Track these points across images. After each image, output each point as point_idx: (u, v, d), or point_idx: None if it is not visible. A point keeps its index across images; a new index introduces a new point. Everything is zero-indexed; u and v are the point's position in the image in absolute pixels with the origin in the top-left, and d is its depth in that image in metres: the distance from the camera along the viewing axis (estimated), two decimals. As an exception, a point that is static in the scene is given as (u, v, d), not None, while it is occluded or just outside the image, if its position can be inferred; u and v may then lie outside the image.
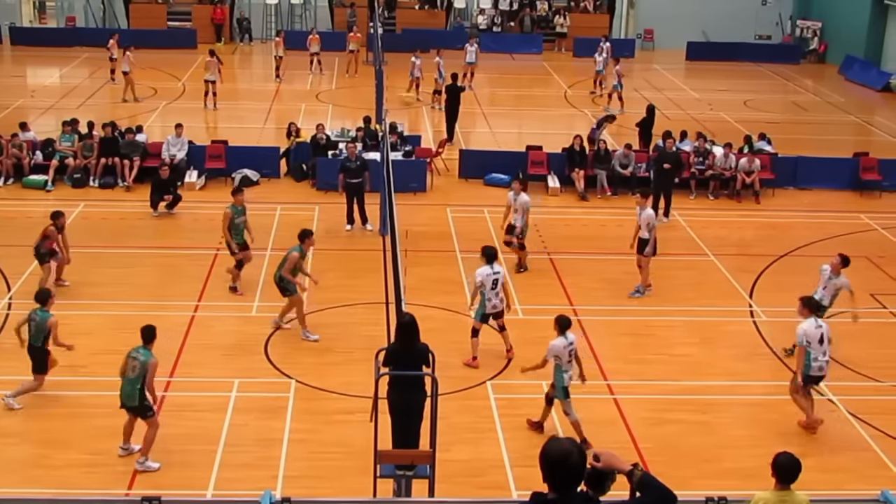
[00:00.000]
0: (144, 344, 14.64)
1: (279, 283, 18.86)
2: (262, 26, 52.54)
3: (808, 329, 15.81)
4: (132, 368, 14.49)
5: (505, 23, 52.85)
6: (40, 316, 16.19)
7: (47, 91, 39.12)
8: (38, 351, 16.22)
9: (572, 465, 6.14)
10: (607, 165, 28.24)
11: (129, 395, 14.55)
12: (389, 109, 29.24)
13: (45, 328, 16.11)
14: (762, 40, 53.27)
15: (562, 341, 15.55)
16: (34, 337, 16.19)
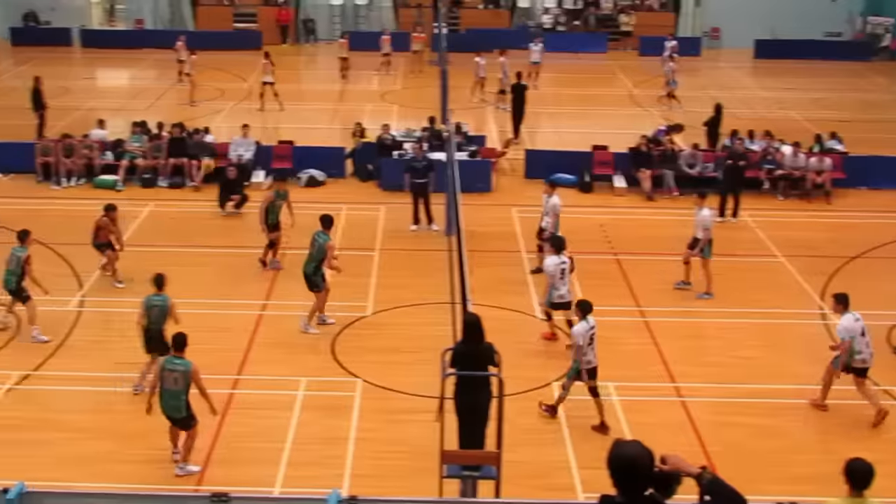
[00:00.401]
0: (176, 352, 14.34)
1: (311, 277, 18.98)
2: (327, 27, 52.76)
3: (848, 324, 16.00)
4: (173, 381, 14.17)
5: (569, 22, 52.66)
6: (162, 300, 16.48)
7: (117, 92, 39.60)
8: (161, 335, 16.49)
9: (640, 468, 6.10)
10: (674, 165, 28.05)
11: (176, 408, 14.31)
12: (454, 109, 29.24)
13: (167, 311, 16.47)
14: (832, 37, 52.55)
15: (584, 325, 15.89)
16: (156, 321, 16.48)
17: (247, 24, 51.43)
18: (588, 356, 15.84)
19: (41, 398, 16.69)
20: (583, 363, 15.85)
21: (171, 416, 14.40)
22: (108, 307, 20.06)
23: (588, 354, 15.83)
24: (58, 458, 14.74)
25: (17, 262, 18.71)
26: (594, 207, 26.74)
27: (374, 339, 18.93)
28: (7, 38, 49.98)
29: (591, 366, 16.01)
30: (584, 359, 15.82)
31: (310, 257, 18.99)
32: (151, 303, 16.53)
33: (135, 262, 21.98)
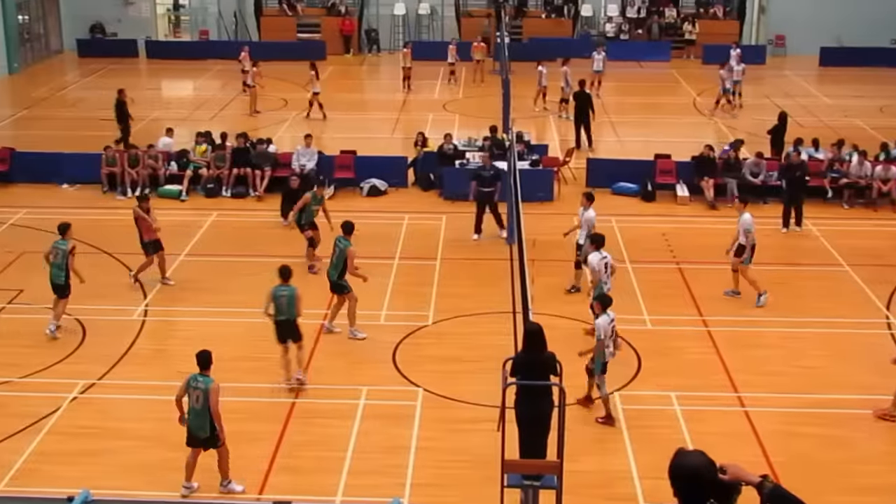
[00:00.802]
0: (202, 370, 14.10)
1: (337, 282, 19.16)
2: (389, 37, 53.00)
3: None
4: (195, 399, 13.94)
5: (632, 30, 52.47)
6: (288, 290, 16.91)
7: (181, 103, 40.03)
8: (293, 324, 17.03)
9: (702, 479, 6.06)
10: (737, 174, 27.83)
11: (200, 427, 14.03)
12: (516, 118, 29.24)
13: (294, 300, 16.89)
14: (899, 45, 51.93)
15: (605, 319, 16.10)
16: (287, 311, 16.92)
17: (310, 34, 51.77)
18: (611, 348, 16.20)
19: (105, 407, 16.91)
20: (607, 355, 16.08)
21: (195, 435, 14.15)
22: (173, 316, 20.26)
23: (611, 347, 16.20)
24: (122, 466, 14.90)
25: (63, 255, 19.07)
26: (656, 216, 26.62)
27: (435, 348, 18.96)
28: (74, 49, 50.73)
29: (612, 358, 16.41)
30: (606, 351, 16.08)
31: (332, 264, 19.24)
32: (279, 293, 16.92)
33: (198, 272, 22.24)
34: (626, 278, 22.16)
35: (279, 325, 17.05)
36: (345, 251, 18.90)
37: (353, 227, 19.53)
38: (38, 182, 28.48)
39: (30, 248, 23.49)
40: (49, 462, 15.10)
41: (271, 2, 52.82)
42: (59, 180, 28.55)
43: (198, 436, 14.10)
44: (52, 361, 18.07)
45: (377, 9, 53.26)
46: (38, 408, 16.48)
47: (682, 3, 53.69)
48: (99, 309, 19.83)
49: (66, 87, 43.65)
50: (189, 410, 14.11)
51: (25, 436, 15.70)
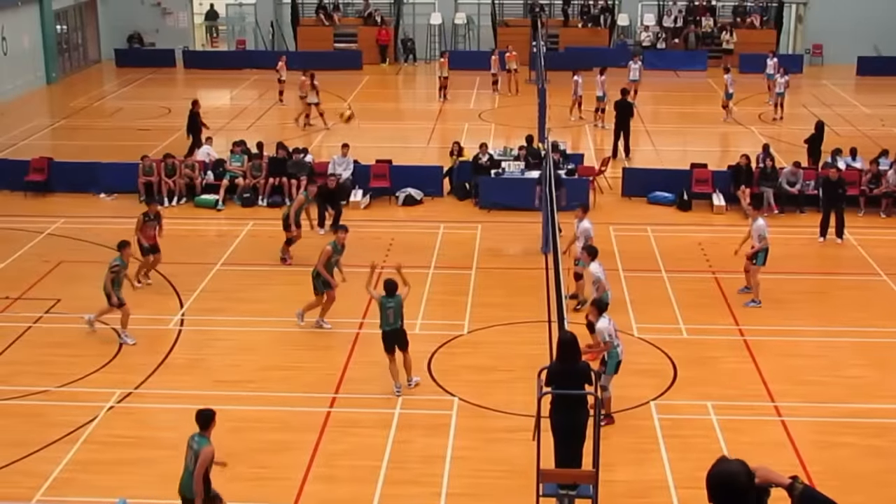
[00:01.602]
0: (201, 431, 12.90)
1: (315, 279, 19.76)
2: (426, 47, 53.11)
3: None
4: (190, 458, 12.77)
5: (669, 40, 52.33)
6: (395, 301, 17.09)
7: (218, 112, 40.19)
8: (402, 332, 17.29)
9: (738, 486, 6.02)
10: (774, 183, 27.68)
11: (188, 487, 12.74)
12: (552, 128, 29.22)
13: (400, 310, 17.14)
14: (937, 54, 51.56)
15: (605, 321, 16.16)
16: (394, 322, 17.13)
17: (347, 44, 51.97)
18: (621, 346, 16.28)
19: (142, 416, 16.99)
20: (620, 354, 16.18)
21: (183, 493, 12.88)
22: (209, 325, 20.35)
23: (621, 345, 16.30)
24: (159, 475, 14.93)
25: (108, 269, 19.22)
26: (693, 226, 26.51)
27: (470, 357, 18.95)
28: (112, 59, 51.13)
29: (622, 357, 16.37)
30: (619, 349, 16.18)
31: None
32: (386, 305, 17.03)
33: (234, 281, 22.34)
34: (661, 287, 22.11)
35: (387, 335, 17.18)
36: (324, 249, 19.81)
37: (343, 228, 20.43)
38: (76, 192, 28.71)
39: (67, 257, 23.70)
40: (86, 471, 15.18)
41: (308, 11, 53.04)
42: (97, 190, 28.76)
43: (184, 495, 12.87)
44: (89, 371, 18.17)
45: (413, 18, 53.38)
46: (75, 417, 16.57)
47: (719, 13, 53.51)
48: (135, 318, 19.94)
49: (103, 97, 43.99)
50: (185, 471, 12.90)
51: (62, 445, 15.78)
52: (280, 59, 42.04)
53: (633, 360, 18.21)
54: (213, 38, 56.84)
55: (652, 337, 19.48)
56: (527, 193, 26.41)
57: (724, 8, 53.67)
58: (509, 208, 26.96)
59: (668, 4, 53.20)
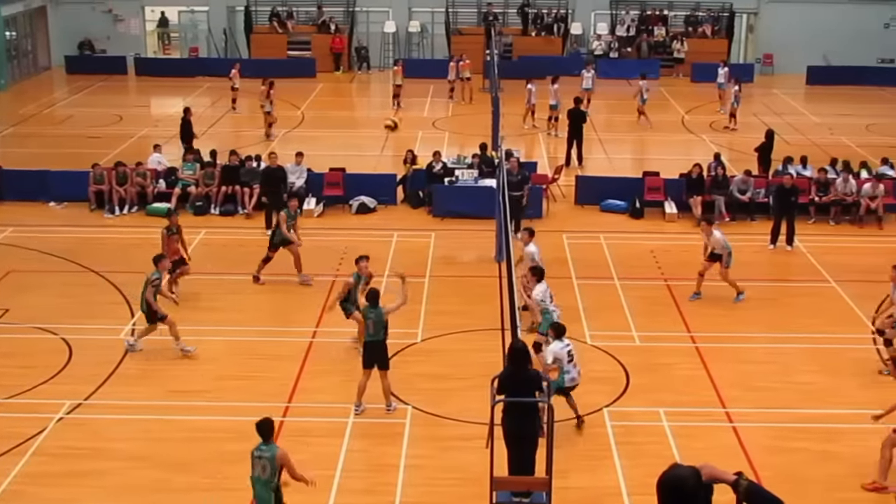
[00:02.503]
0: (265, 440, 12.92)
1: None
2: (380, 55, 53.09)
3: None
4: (262, 469, 12.84)
5: (622, 49, 52.63)
6: (376, 313, 16.76)
7: (170, 120, 39.95)
8: (382, 346, 16.92)
9: (687, 491, 6.05)
10: (725, 191, 27.90)
11: (264, 499, 12.92)
12: (506, 136, 29.30)
13: (382, 323, 16.78)
14: (885, 64, 52.19)
15: (558, 345, 16.13)
16: (374, 334, 16.82)
17: (301, 51, 51.86)
18: (571, 373, 16.14)
19: (94, 427, 16.79)
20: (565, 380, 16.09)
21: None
22: (161, 335, 20.17)
23: (571, 372, 16.14)
24: (111, 487, 14.84)
25: (146, 284, 19.00)
26: (645, 233, 26.67)
27: (424, 365, 18.95)
28: (63, 66, 50.72)
29: (575, 383, 16.28)
30: (567, 376, 16.08)
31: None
32: (367, 316, 16.83)
33: (187, 290, 22.18)
34: (614, 295, 22.22)
35: (366, 347, 16.96)
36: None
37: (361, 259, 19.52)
38: (26, 200, 28.37)
39: (16, 267, 23.49)
40: (35, 484, 15.01)
41: (262, 19, 52.88)
42: (47, 198, 28.48)
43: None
44: (38, 382, 17.97)
45: (367, 26, 53.37)
46: (23, 429, 16.37)
47: (672, 22, 53.89)
48: (85, 328, 19.78)
49: (54, 104, 43.64)
50: (253, 480, 12.99)
51: (10, 457, 15.58)
52: (234, 66, 41.90)
53: (587, 368, 18.25)
54: (165, 46, 56.54)
55: (605, 344, 19.57)
56: (481, 201, 26.49)
57: (677, 17, 54.06)
58: (463, 216, 27.01)
59: (620, 14, 53.52)
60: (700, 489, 6.07)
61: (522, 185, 25.54)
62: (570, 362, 16.10)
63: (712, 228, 21.81)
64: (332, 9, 53.09)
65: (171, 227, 21.74)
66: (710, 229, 21.75)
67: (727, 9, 53.22)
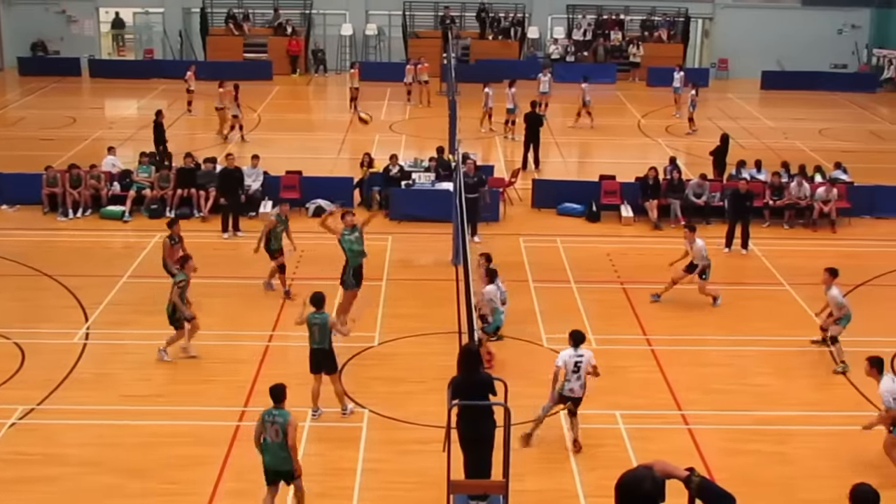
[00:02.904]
0: (276, 404, 13.54)
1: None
2: (337, 57, 53.02)
3: (888, 387, 15.39)
4: (275, 433, 13.39)
5: (578, 53, 52.83)
6: (321, 318, 16.54)
7: (125, 122, 39.77)
8: (327, 353, 16.66)
9: (644, 492, 6.06)
10: (681, 195, 28.07)
11: (284, 460, 13.48)
12: (463, 140, 29.30)
13: (328, 329, 16.54)
14: (838, 69, 52.79)
15: (570, 352, 15.83)
16: (320, 340, 16.58)
17: (257, 54, 51.71)
18: (571, 384, 15.77)
19: (47, 432, 16.57)
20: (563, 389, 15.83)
21: (276, 469, 13.59)
22: (116, 339, 20.03)
23: (572, 383, 15.77)
24: (64, 493, 14.69)
25: (172, 287, 18.82)
26: (601, 237, 26.77)
27: (381, 369, 18.90)
28: (15, 67, 50.27)
29: (574, 395, 15.84)
30: (567, 385, 15.80)
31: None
32: (312, 321, 16.59)
33: (142, 293, 22.04)
34: (571, 298, 22.27)
35: (313, 354, 16.76)
36: None
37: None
38: (-22, 203, 28.12)
39: (-31, 269, 23.22)
40: (-12, 488, 14.86)
41: (217, 21, 52.67)
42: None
43: (278, 470, 13.57)
44: (-9, 386, 17.80)
45: (324, 29, 53.32)
46: (-25, 433, 16.22)
47: (628, 27, 54.20)
48: (38, 332, 19.61)
49: (6, 105, 43.23)
50: (266, 446, 13.52)
51: (-37, 462, 15.44)
52: (189, 69, 41.68)
53: (543, 370, 18.31)
54: (119, 47, 56.19)
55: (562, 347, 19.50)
56: (438, 205, 26.50)
57: (633, 22, 54.42)
58: (420, 220, 26.99)
59: (577, 18, 53.74)
60: (657, 492, 6.09)
61: (478, 187, 25.58)
62: (575, 373, 15.70)
63: (695, 236, 21.81)
64: (288, 11, 53.01)
65: (174, 236, 21.26)
66: (693, 237, 21.77)
67: (683, 14, 53.60)
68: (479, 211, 25.67)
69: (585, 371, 15.79)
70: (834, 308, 19.11)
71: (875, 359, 15.75)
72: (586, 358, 15.80)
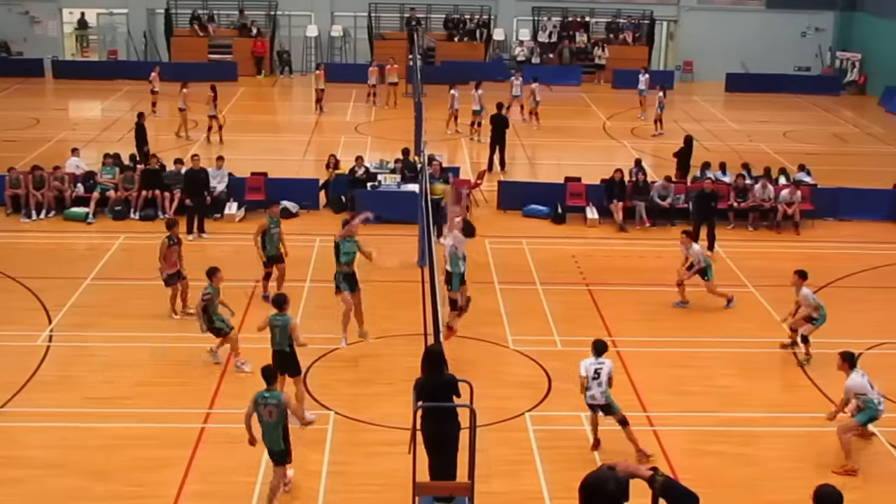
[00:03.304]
0: (268, 385, 13.97)
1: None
2: (302, 59, 52.91)
3: (856, 383, 15.65)
4: (269, 413, 13.80)
5: (544, 55, 52.95)
6: (282, 320, 16.43)
7: (89, 124, 39.53)
8: (289, 356, 16.55)
9: (608, 493, 6.08)
10: (646, 197, 28.17)
11: (276, 440, 14.01)
12: (428, 141, 29.30)
13: (288, 332, 16.41)
14: (802, 72, 53.15)
15: (590, 360, 15.80)
16: (280, 342, 16.46)
17: (222, 55, 51.51)
18: (592, 391, 15.67)
19: (10, 435, 16.46)
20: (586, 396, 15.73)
21: (269, 448, 14.16)
22: (79, 341, 19.90)
23: (593, 390, 15.66)
24: (27, 495, 14.58)
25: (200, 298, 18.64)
26: (566, 238, 26.84)
27: (347, 371, 18.87)
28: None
29: (596, 402, 15.73)
30: (588, 393, 15.69)
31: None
32: (273, 323, 16.51)
33: (106, 295, 21.93)
34: (536, 299, 22.31)
35: (274, 356, 16.63)
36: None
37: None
38: (-60, 204, 27.88)
39: (-69, 271, 23.02)
40: (-50, 492, 14.74)
41: (182, 22, 52.43)
42: (-38, 202, 27.99)
43: (272, 449, 14.09)
44: (-47, 388, 17.65)
45: (290, 30, 53.19)
46: (-62, 436, 16.09)
47: (593, 29, 54.37)
48: (1, 335, 19.47)
49: (-31, 107, 42.88)
50: (263, 426, 13.97)
51: (-75, 465, 15.30)
52: (153, 70, 41.44)
53: (509, 372, 18.41)
54: (83, 48, 55.82)
55: (527, 349, 19.64)
56: (403, 207, 26.50)
57: (598, 24, 54.59)
58: (385, 221, 26.94)
59: (542, 20, 53.85)
60: (621, 492, 6.11)
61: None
62: (595, 380, 15.61)
63: (692, 241, 22.11)
64: (253, 12, 52.87)
65: (173, 236, 21.02)
66: (690, 242, 22.04)
67: (648, 16, 53.83)
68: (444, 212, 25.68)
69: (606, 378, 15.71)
70: (809, 309, 19.28)
71: (847, 353, 15.99)
72: (607, 366, 15.75)
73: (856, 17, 53.12)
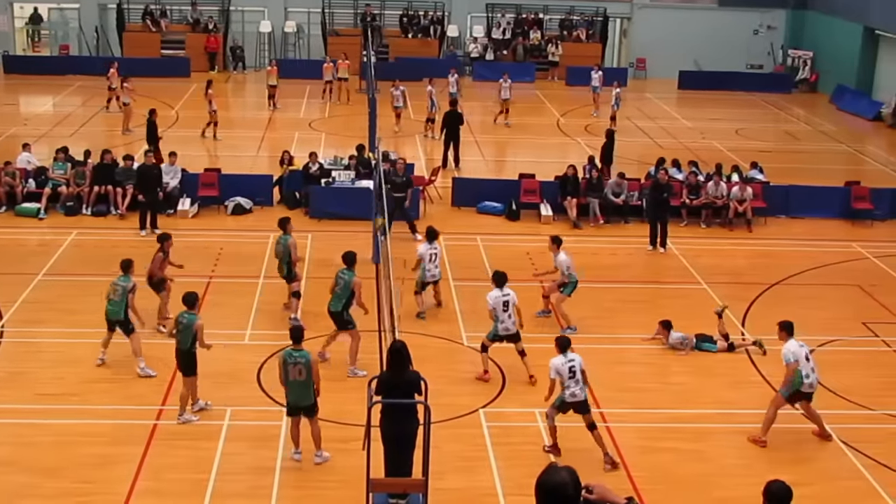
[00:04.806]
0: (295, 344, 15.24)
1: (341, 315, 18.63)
2: (255, 55, 52.68)
3: (793, 348, 16.18)
4: (298, 372, 15.07)
5: (497, 51, 53.00)
6: (188, 319, 16.39)
7: (40, 119, 39.17)
8: (187, 354, 16.49)
9: (566, 496, 6.09)
10: (600, 194, 28.29)
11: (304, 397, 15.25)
12: (382, 138, 29.26)
13: (193, 331, 16.34)
14: (754, 70, 53.54)
15: (560, 359, 15.66)
16: (183, 341, 16.41)
17: (175, 51, 51.18)
18: (572, 388, 15.62)
19: (-40, 430, 16.37)
20: (566, 394, 15.66)
21: (298, 405, 15.22)
22: (30, 337, 19.73)
23: (572, 387, 15.62)
24: (-24, 491, 14.49)
25: (123, 292, 18.36)
26: (521, 235, 26.90)
27: (300, 367, 18.78)
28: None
29: (577, 399, 15.70)
30: (567, 391, 15.63)
31: (336, 296, 18.63)
32: (178, 320, 16.53)
33: (58, 291, 21.76)
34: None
35: (177, 354, 16.62)
36: (350, 282, 18.45)
37: (355, 258, 18.96)
38: None
39: None
40: None
41: (134, 17, 52.03)
42: (-89, 198, 27.64)
43: (301, 405, 15.26)
44: None
45: (243, 26, 52.90)
46: None
47: (547, 26, 54.48)
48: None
49: (-82, 101, 42.38)
50: (290, 384, 15.15)
51: None
52: (111, 66, 41.04)
53: (463, 369, 18.44)
54: (35, 43, 55.27)
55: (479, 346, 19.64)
56: (357, 203, 26.48)
57: (552, 21, 54.69)
58: (340, 218, 26.93)
59: (496, 17, 53.91)
60: (578, 494, 6.12)
61: (407, 187, 25.79)
62: (572, 378, 15.58)
63: (559, 249, 21.03)
64: (206, 8, 52.56)
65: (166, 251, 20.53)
66: (557, 249, 21.02)
67: (601, 13, 54.03)
68: (406, 210, 25.77)
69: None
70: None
71: (785, 322, 16.51)
72: (578, 362, 15.76)
73: (807, 15, 53.59)
